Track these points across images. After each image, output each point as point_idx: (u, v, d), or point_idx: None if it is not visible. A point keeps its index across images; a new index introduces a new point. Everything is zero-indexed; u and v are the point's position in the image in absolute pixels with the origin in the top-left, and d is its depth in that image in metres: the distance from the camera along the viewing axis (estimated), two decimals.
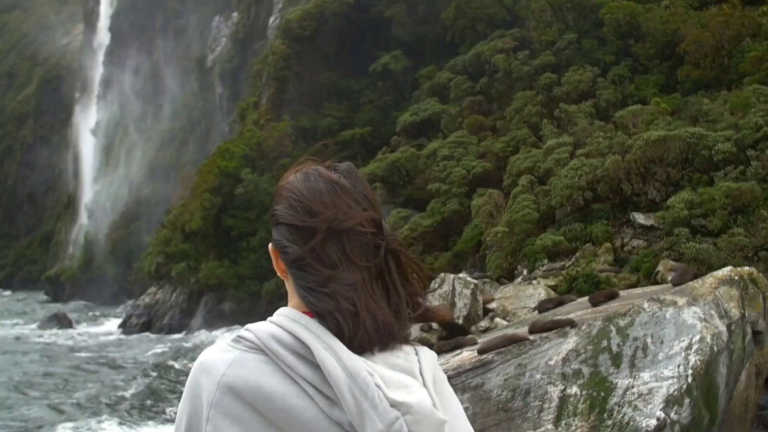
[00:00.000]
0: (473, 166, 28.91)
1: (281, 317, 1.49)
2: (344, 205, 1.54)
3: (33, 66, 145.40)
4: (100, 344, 39.58)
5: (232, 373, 1.43)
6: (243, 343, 1.47)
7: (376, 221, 1.55)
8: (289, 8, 58.24)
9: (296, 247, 1.53)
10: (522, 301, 16.88)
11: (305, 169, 1.66)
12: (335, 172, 1.63)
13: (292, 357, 1.42)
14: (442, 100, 37.32)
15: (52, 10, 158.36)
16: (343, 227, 1.51)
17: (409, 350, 1.54)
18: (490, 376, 9.66)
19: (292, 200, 1.59)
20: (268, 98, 48.94)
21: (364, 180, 1.65)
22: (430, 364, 1.54)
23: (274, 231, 1.62)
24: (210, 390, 1.44)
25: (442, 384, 1.56)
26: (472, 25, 40.86)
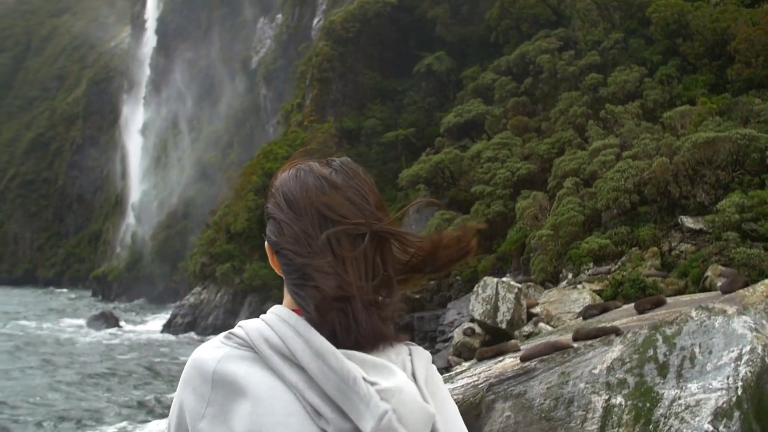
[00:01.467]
0: (518, 168, 28.65)
1: (272, 315, 1.48)
2: (332, 200, 1.51)
3: (82, 68, 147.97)
4: (144, 343, 40.04)
5: (222, 369, 1.43)
6: (234, 340, 1.47)
7: (365, 213, 1.52)
8: (333, 10, 58.40)
9: (283, 241, 1.53)
10: (566, 306, 16.64)
11: (298, 165, 1.64)
12: (328, 168, 1.60)
13: (279, 359, 1.41)
14: (486, 101, 37.05)
15: (101, 14, 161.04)
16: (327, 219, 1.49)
17: (402, 349, 1.52)
18: (533, 384, 9.51)
19: (280, 196, 1.57)
20: (312, 99, 49.08)
21: (360, 174, 1.60)
22: (423, 364, 1.51)
23: (267, 227, 1.61)
24: (200, 386, 1.45)
25: (435, 385, 1.52)
26: (516, 25, 40.55)
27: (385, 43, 50.42)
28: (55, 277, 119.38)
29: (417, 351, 1.54)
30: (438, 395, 1.50)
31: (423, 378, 1.47)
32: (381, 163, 44.18)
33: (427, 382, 1.48)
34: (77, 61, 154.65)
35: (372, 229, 1.50)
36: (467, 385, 10.65)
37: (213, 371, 1.43)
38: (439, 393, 1.51)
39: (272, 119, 69.71)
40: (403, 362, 1.48)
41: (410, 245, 1.57)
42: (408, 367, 1.47)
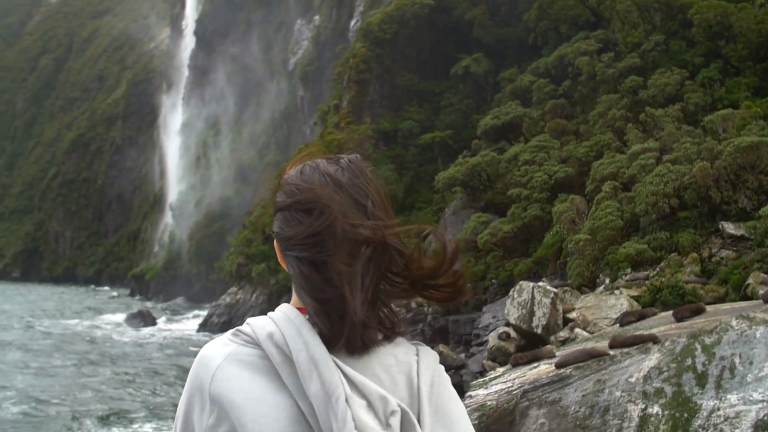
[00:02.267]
0: (555, 171, 28.38)
1: (280, 313, 1.51)
2: (338, 199, 1.50)
3: (122, 69, 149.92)
4: (180, 342, 40.37)
5: (227, 366, 1.46)
6: (241, 337, 1.50)
7: (368, 214, 1.52)
8: (370, 11, 58.43)
9: (286, 233, 1.54)
10: (603, 312, 16.40)
11: (306, 161, 1.64)
12: (335, 165, 1.59)
13: (280, 357, 1.43)
14: (523, 104, 36.79)
15: (141, 15, 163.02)
16: (329, 226, 1.47)
17: (409, 349, 1.54)
18: (568, 391, 9.39)
19: (287, 191, 1.58)
20: (349, 101, 49.10)
21: (366, 172, 1.60)
22: (429, 365, 1.53)
23: (275, 222, 1.63)
24: (206, 382, 1.47)
25: (442, 386, 1.53)
26: (554, 27, 40.20)
27: (422, 44, 50.34)
28: (95, 276, 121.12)
29: (424, 351, 1.56)
30: (444, 395, 1.51)
31: (427, 378, 1.49)
32: (417, 165, 44.10)
33: (432, 382, 1.49)
34: (117, 62, 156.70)
35: (373, 236, 1.48)
36: (501, 391, 10.55)
37: (209, 390, 1.46)
38: (446, 393, 1.52)
39: (309, 120, 69.91)
40: (409, 363, 1.50)
41: (407, 258, 1.56)
42: (413, 369, 1.49)
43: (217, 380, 1.46)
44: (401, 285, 1.58)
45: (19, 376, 26.80)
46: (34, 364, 29.93)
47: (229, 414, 1.42)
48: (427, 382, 1.48)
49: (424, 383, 1.48)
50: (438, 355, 1.58)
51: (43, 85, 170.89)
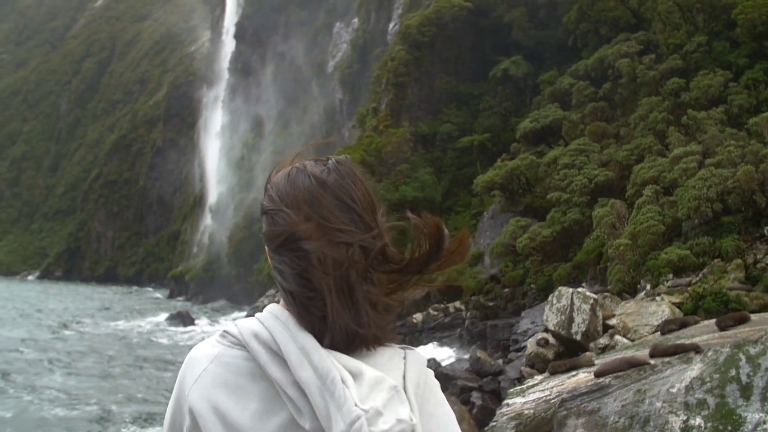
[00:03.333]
0: (595, 175, 28.05)
1: (266, 313, 1.51)
2: (323, 205, 1.47)
3: (163, 72, 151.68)
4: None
5: (212, 368, 1.47)
6: (228, 338, 1.50)
7: (356, 223, 1.49)
8: (409, 14, 58.38)
9: (268, 235, 1.53)
10: (644, 318, 16.12)
11: (295, 163, 1.60)
12: (322, 166, 1.55)
13: (266, 355, 1.43)
14: (563, 106, 36.47)
15: (181, 19, 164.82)
16: (309, 236, 1.45)
17: (397, 353, 1.53)
18: (607, 401, 9.23)
19: (269, 196, 1.56)
20: (387, 104, 49.10)
21: (355, 173, 1.56)
22: (416, 369, 1.50)
23: (263, 223, 1.59)
24: (191, 384, 1.48)
25: (429, 390, 1.52)
26: (595, 29, 39.81)
27: (461, 47, 50.19)
28: (135, 276, 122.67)
29: (412, 355, 1.54)
30: (431, 400, 1.50)
31: (414, 382, 1.46)
32: (456, 168, 43.97)
33: (418, 386, 1.47)
34: (159, 64, 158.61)
35: (354, 240, 1.46)
36: (539, 399, 10.44)
37: (203, 369, 1.47)
38: (432, 398, 1.50)
39: (348, 123, 70.09)
40: (396, 366, 1.48)
41: (391, 261, 1.53)
42: (400, 372, 1.47)
43: (198, 385, 1.47)
44: (392, 284, 1.54)
45: (59, 376, 27.11)
46: (73, 364, 30.27)
47: (197, 421, 1.44)
48: (412, 385, 1.45)
49: (409, 386, 1.45)
50: (426, 359, 1.56)
51: (87, 88, 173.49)
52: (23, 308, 58.86)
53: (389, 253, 1.52)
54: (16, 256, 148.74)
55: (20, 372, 27.18)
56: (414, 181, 41.73)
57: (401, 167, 42.61)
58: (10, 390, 24.08)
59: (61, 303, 68.74)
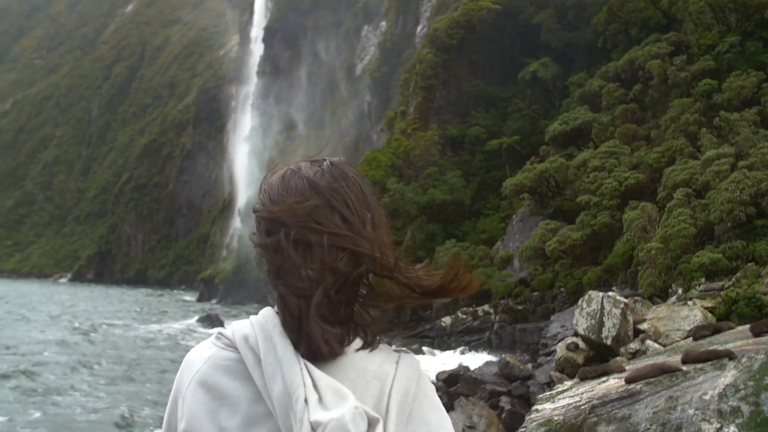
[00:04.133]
0: (625, 178, 27.80)
1: (260, 316, 1.51)
2: (314, 208, 1.46)
3: (192, 76, 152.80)
4: None
5: (205, 370, 1.48)
6: (222, 340, 1.52)
7: (349, 226, 1.46)
8: (437, 17, 58.31)
9: (259, 239, 1.52)
10: (676, 323, 15.90)
11: (291, 165, 1.60)
12: (316, 168, 1.54)
13: (253, 359, 1.44)
14: (593, 109, 36.22)
15: (210, 24, 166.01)
16: (300, 237, 1.44)
17: (390, 357, 1.52)
18: (638, 407, 9.08)
19: (263, 197, 1.57)
20: (416, 107, 49.02)
21: (349, 176, 1.53)
22: (407, 374, 1.49)
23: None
24: (186, 385, 1.50)
25: (423, 396, 1.50)
26: (625, 30, 39.50)
27: (489, 49, 50.03)
28: (165, 278, 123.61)
29: (405, 359, 1.52)
30: (424, 405, 1.49)
31: (402, 389, 1.45)
32: (485, 171, 43.82)
33: (407, 393, 1.46)
34: (188, 69, 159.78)
35: (343, 245, 1.43)
36: (569, 405, 10.31)
37: (197, 371, 1.49)
38: (426, 403, 1.49)
39: (376, 126, 70.13)
40: (386, 372, 1.47)
41: (380, 269, 1.49)
42: (390, 376, 1.46)
43: (192, 386, 1.49)
44: (385, 290, 1.53)
45: (87, 378, 27.28)
46: (101, 367, 30.43)
47: (193, 423, 1.46)
48: (400, 391, 1.45)
49: (396, 391, 1.45)
50: (419, 364, 1.55)
51: (117, 93, 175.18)
52: (54, 310, 59.45)
53: (378, 260, 1.47)
54: (49, 259, 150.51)
55: (49, 373, 27.39)
56: (442, 184, 41.62)
57: (430, 170, 42.52)
58: (39, 389, 24.29)
59: (92, 305, 69.32)
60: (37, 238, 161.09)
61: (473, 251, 35.60)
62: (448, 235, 38.66)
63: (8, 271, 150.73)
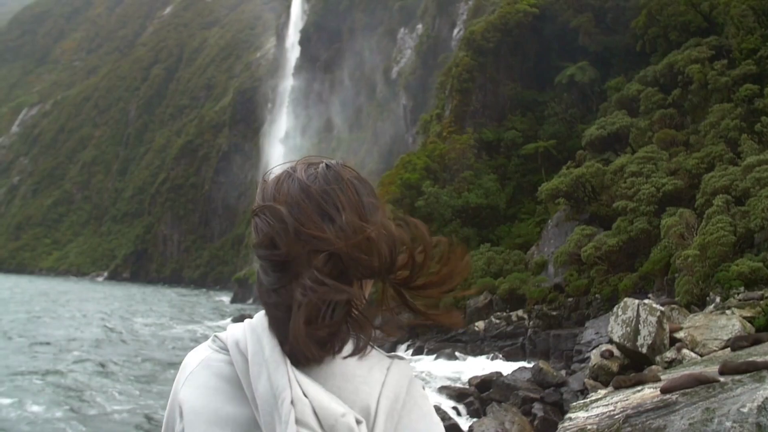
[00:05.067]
0: (663, 184, 27.43)
1: (253, 321, 1.51)
2: (302, 211, 1.45)
3: (229, 78, 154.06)
4: None
5: (198, 372, 1.50)
6: (217, 343, 1.54)
7: (338, 230, 1.43)
8: (473, 20, 58.14)
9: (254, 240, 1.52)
10: (713, 332, 15.63)
11: (288, 167, 1.58)
12: (312, 172, 1.52)
13: (242, 362, 1.45)
14: (630, 113, 35.84)
15: (247, 26, 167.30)
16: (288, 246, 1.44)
17: (381, 362, 1.48)
18: (674, 418, 8.90)
19: (259, 197, 1.56)
20: (451, 110, 48.90)
21: (343, 179, 1.51)
22: (398, 380, 1.46)
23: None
24: (180, 387, 1.52)
25: (413, 404, 1.47)
26: (664, 34, 39.02)
27: (526, 53, 49.78)
28: (200, 278, 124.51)
29: (397, 365, 1.50)
30: (414, 413, 1.46)
31: (391, 396, 1.43)
32: (520, 175, 43.58)
33: (396, 400, 1.43)
34: (225, 71, 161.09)
35: (326, 248, 1.42)
36: (602, 414, 10.18)
37: (179, 397, 1.50)
38: (415, 411, 1.46)
39: (412, 129, 70.09)
40: (375, 379, 1.44)
41: (367, 273, 1.46)
42: (378, 382, 1.43)
43: (185, 387, 1.50)
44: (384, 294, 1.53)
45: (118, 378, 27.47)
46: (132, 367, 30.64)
47: (184, 422, 1.46)
48: (389, 397, 1.42)
49: (385, 397, 1.42)
50: (412, 370, 1.51)
51: (155, 94, 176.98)
52: (89, 309, 60.14)
53: (363, 261, 1.44)
54: (86, 258, 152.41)
55: (81, 371, 27.66)
56: (478, 188, 41.47)
57: (465, 174, 42.39)
58: (71, 386, 24.55)
59: (126, 304, 70.02)
60: (74, 236, 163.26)
61: (508, 256, 35.42)
62: (482, 240, 38.51)
63: (47, 269, 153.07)
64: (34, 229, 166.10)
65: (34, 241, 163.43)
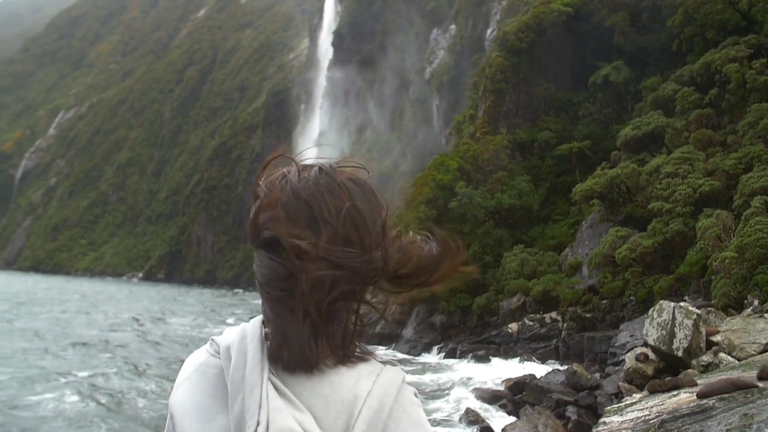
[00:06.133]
0: (700, 185, 27.06)
1: (247, 325, 1.49)
2: (289, 213, 1.42)
3: (262, 80, 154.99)
4: None
5: (194, 377, 1.49)
6: (213, 347, 1.51)
7: (322, 235, 1.40)
8: (507, 20, 57.86)
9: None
10: (751, 336, 15.37)
11: (285, 168, 1.54)
12: (305, 175, 1.48)
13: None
14: (666, 113, 35.43)
15: (281, 28, 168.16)
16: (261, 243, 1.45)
17: (371, 370, 1.44)
18: (711, 424, 8.74)
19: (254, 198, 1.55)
20: (485, 111, 48.65)
21: (338, 183, 1.47)
22: (385, 389, 1.41)
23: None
24: (176, 389, 1.51)
25: (402, 411, 1.41)
26: (701, 32, 38.52)
27: (560, 53, 49.39)
28: (233, 279, 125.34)
29: (385, 373, 1.45)
30: (402, 421, 1.40)
31: (376, 404, 1.38)
32: (554, 176, 43.26)
33: (381, 408, 1.38)
34: (258, 72, 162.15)
35: (305, 251, 1.38)
36: (637, 419, 10.04)
37: (187, 377, 1.50)
38: (404, 419, 1.41)
39: (445, 130, 69.98)
40: (362, 387, 1.40)
41: (351, 281, 1.42)
42: (364, 390, 1.39)
43: (178, 391, 1.49)
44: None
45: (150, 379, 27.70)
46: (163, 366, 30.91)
47: (175, 428, 1.46)
48: (373, 406, 1.37)
49: (368, 407, 1.37)
50: (402, 378, 1.46)
51: (189, 96, 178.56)
52: (123, 309, 60.88)
53: (352, 269, 1.41)
54: (121, 259, 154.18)
55: (112, 372, 27.91)
56: (511, 189, 41.21)
57: (498, 175, 42.14)
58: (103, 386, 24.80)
59: (159, 305, 70.69)
60: (110, 237, 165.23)
61: (541, 257, 35.19)
62: (516, 241, 38.30)
63: (83, 269, 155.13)
64: (70, 231, 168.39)
65: (70, 242, 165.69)
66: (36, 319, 48.02)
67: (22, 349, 32.59)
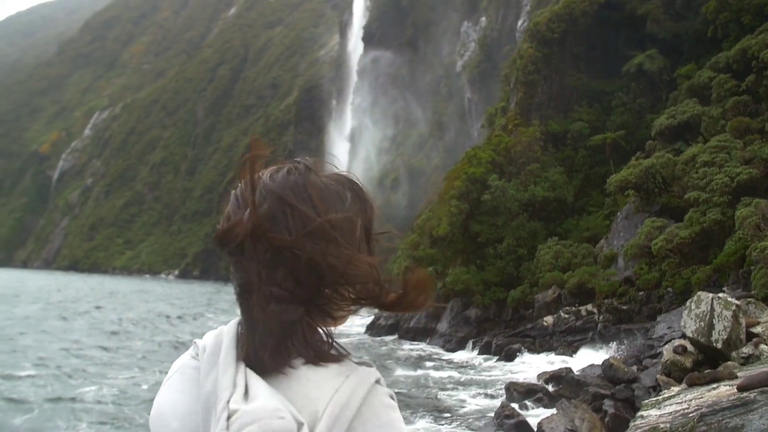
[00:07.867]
0: (737, 173, 26.58)
1: (226, 326, 1.48)
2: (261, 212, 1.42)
3: (294, 77, 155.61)
4: (348, 343, 40.76)
5: (175, 378, 1.47)
6: (194, 349, 1.49)
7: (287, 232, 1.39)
8: (538, 10, 57.45)
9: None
10: None
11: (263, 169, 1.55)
12: (280, 173, 1.50)
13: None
14: (702, 101, 34.89)
15: (311, 24, 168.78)
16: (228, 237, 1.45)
17: (338, 370, 1.39)
18: (752, 417, 8.52)
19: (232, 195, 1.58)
20: (517, 103, 48.35)
21: (311, 182, 1.47)
22: (352, 388, 1.36)
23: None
24: (159, 390, 1.50)
25: (371, 413, 1.36)
26: (736, 18, 37.86)
27: (592, 42, 48.88)
28: None
29: (356, 374, 1.40)
30: (369, 424, 1.36)
31: (340, 403, 1.33)
32: (588, 167, 42.85)
33: (347, 407, 1.34)
34: (289, 70, 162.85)
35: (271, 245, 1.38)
36: (676, 413, 9.84)
37: (169, 379, 1.49)
38: (372, 421, 1.36)
39: (477, 123, 69.73)
40: (331, 386, 1.36)
41: (336, 273, 1.40)
42: (334, 389, 1.35)
43: (160, 392, 1.48)
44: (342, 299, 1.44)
45: None
46: None
47: (157, 427, 1.45)
48: (338, 403, 1.33)
49: (334, 403, 1.33)
50: (373, 379, 1.41)
51: (221, 94, 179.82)
52: (155, 308, 61.61)
53: (321, 263, 1.38)
54: (157, 257, 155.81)
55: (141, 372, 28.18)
56: (544, 180, 40.87)
57: (531, 167, 41.81)
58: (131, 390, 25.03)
59: (192, 301, 71.34)
60: (146, 236, 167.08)
61: (576, 249, 34.88)
62: (550, 233, 38.02)
63: (120, 268, 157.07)
64: (107, 230, 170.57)
65: (107, 241, 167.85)
66: (76, 317, 48.71)
67: (60, 349, 33.06)
